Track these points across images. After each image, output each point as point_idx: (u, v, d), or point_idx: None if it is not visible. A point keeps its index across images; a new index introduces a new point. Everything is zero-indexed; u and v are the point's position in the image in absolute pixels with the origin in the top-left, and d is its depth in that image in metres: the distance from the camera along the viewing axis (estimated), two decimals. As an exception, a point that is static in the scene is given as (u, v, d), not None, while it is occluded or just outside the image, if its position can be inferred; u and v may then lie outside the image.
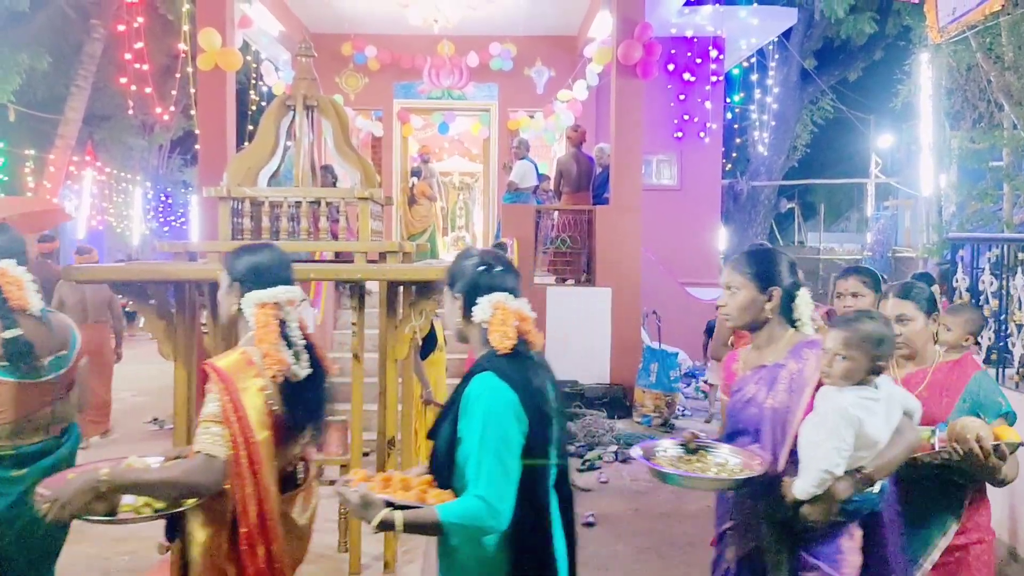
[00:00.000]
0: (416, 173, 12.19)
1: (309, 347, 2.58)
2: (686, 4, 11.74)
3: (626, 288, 8.88)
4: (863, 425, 2.32)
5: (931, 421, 2.71)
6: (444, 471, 2.10)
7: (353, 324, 4.10)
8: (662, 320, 9.21)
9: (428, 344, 6.02)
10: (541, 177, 10.54)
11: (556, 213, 9.46)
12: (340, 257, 4.71)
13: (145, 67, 10.21)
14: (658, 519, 5.73)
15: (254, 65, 11.36)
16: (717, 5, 12.39)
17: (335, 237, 6.57)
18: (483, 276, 2.21)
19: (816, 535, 2.37)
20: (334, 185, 7.60)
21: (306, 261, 4.60)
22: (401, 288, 4.08)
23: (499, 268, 2.23)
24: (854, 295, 3.41)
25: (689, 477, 2.37)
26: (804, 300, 2.56)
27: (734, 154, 17.14)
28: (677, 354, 9.01)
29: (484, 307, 2.17)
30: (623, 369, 8.79)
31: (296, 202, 4.13)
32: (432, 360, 6.26)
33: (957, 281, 6.10)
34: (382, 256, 4.25)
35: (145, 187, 19.11)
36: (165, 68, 13.53)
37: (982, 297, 5.82)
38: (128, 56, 10.26)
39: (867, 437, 2.33)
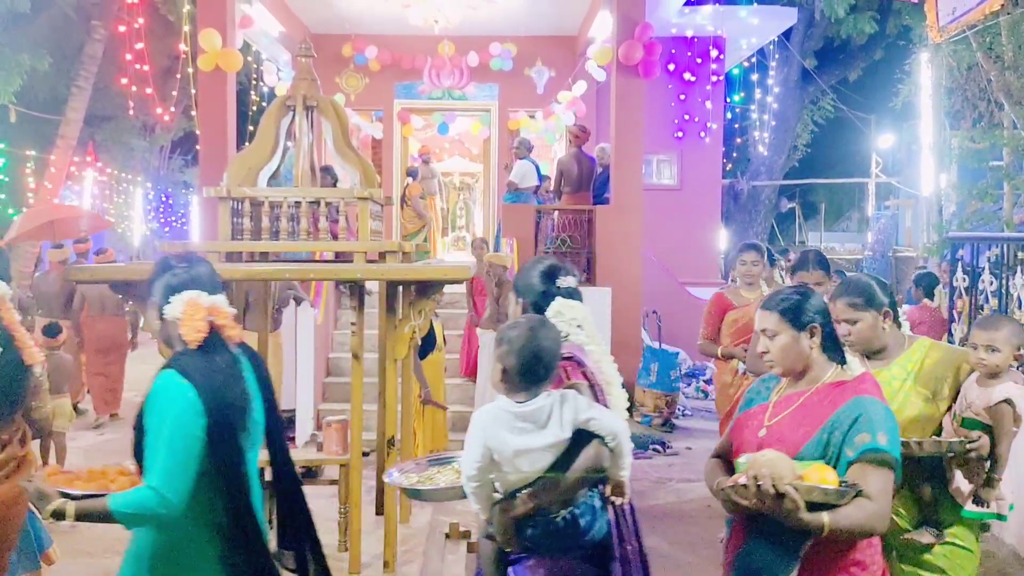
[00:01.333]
0: (412, 174, 12.19)
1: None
2: (686, 4, 11.74)
3: (626, 288, 8.88)
4: (500, 441, 2.27)
5: (789, 451, 2.25)
6: (139, 462, 2.25)
7: (353, 324, 4.10)
8: (662, 320, 9.22)
9: (427, 344, 6.04)
10: (542, 178, 10.54)
11: (556, 213, 9.46)
12: (340, 257, 4.72)
13: (146, 68, 10.22)
14: (659, 519, 5.73)
15: (255, 66, 11.37)
16: (717, 5, 12.39)
17: (335, 237, 6.58)
18: (173, 277, 2.33)
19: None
20: (334, 186, 7.61)
21: (306, 261, 4.61)
22: (400, 288, 4.08)
23: (187, 266, 2.36)
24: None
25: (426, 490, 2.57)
26: None
27: (734, 154, 17.14)
28: (677, 354, 9.01)
29: (175, 305, 2.29)
30: (623, 368, 8.67)
31: (296, 202, 4.14)
32: (431, 360, 6.28)
33: (957, 280, 6.11)
34: (382, 256, 4.26)
35: (146, 188, 19.13)
36: (166, 69, 13.54)
37: (982, 296, 5.83)
38: (129, 57, 10.27)
39: (502, 453, 2.28)
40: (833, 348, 2.37)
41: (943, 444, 2.63)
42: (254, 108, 12.00)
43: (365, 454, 4.56)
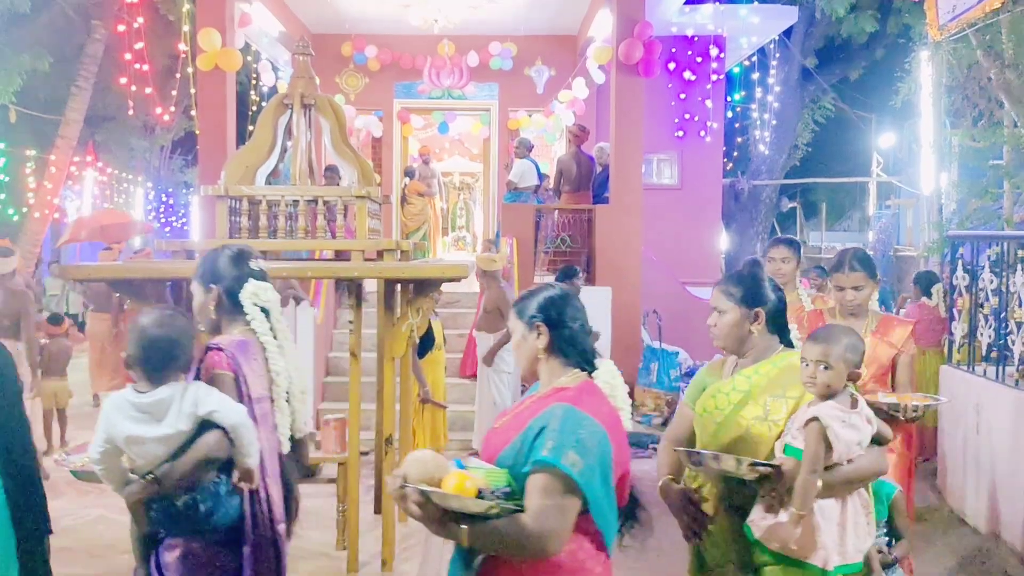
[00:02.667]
0: (410, 173, 12.18)
1: None
2: (687, 3, 11.71)
3: (626, 287, 8.87)
4: (116, 428, 2.34)
5: (491, 456, 2.16)
6: None
7: (351, 322, 4.10)
8: (662, 319, 9.21)
9: (426, 343, 6.03)
10: (542, 177, 10.54)
11: (556, 213, 9.46)
12: (338, 256, 4.72)
13: (146, 68, 10.22)
14: (658, 517, 5.71)
15: (254, 65, 11.37)
16: (718, 4, 12.36)
17: (333, 236, 6.58)
18: None
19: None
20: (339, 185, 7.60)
21: (304, 260, 4.61)
22: (399, 286, 4.08)
23: None
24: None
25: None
26: None
27: (735, 153, 17.11)
28: (677, 353, 9.00)
29: None
30: (623, 368, 8.61)
31: (294, 201, 4.13)
32: (430, 359, 6.27)
33: (957, 279, 6.09)
34: (380, 255, 4.26)
35: (146, 188, 19.13)
36: (166, 69, 13.53)
37: (982, 295, 5.82)
38: (129, 57, 10.27)
39: (117, 440, 2.35)
40: (567, 352, 2.20)
41: (727, 461, 2.38)
42: (254, 108, 12.00)
43: (364, 453, 4.56)
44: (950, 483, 5.89)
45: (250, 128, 10.95)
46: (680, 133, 12.77)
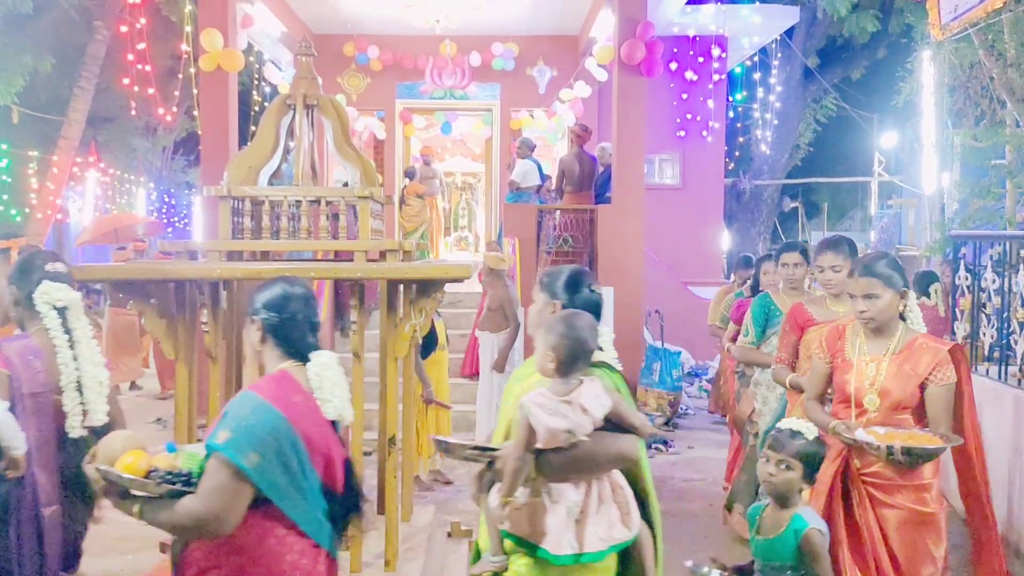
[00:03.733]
0: (409, 174, 12.19)
1: None
2: (688, 3, 11.72)
3: (628, 287, 8.87)
4: None
5: None
6: None
7: (353, 323, 4.10)
8: (665, 319, 9.21)
9: (429, 343, 6.03)
10: (544, 177, 10.54)
11: (558, 212, 9.46)
12: (340, 256, 4.72)
13: (148, 68, 10.22)
14: (661, 516, 5.72)
15: (256, 66, 11.38)
16: (719, 4, 12.37)
17: (335, 237, 6.59)
18: None
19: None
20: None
21: (307, 260, 4.62)
22: (401, 286, 4.08)
23: None
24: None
25: None
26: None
27: (737, 153, 17.09)
28: (679, 353, 9.00)
29: None
30: (626, 368, 8.73)
31: (296, 201, 4.14)
32: (433, 359, 6.27)
33: (959, 279, 6.09)
34: (382, 255, 4.26)
35: (148, 188, 19.15)
36: (168, 69, 13.54)
37: (984, 294, 5.82)
38: (131, 57, 10.28)
39: None
40: (281, 345, 2.32)
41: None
42: (256, 108, 12.01)
43: (367, 454, 4.56)
44: (952, 483, 5.88)
45: (252, 129, 10.98)
46: (682, 133, 12.77)
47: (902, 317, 3.15)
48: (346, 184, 4.37)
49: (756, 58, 14.39)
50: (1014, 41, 8.00)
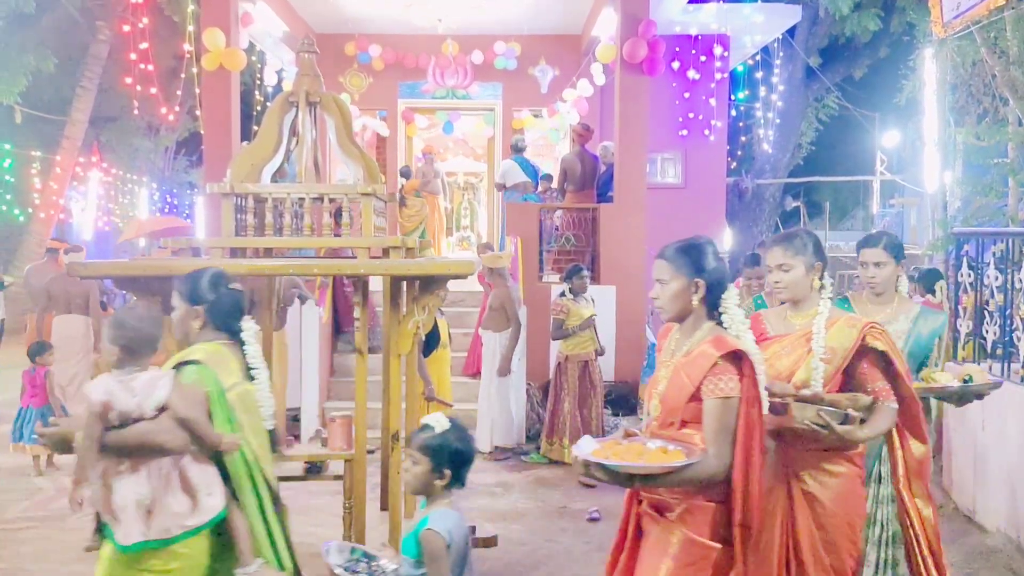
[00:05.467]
0: (405, 174, 12.18)
1: None
2: (690, 2, 11.71)
3: (631, 286, 8.87)
4: None
5: None
6: None
7: (356, 320, 4.11)
8: (667, 318, 9.18)
9: (431, 341, 6.04)
10: (535, 175, 10.55)
11: (560, 211, 9.46)
12: (337, 253, 4.72)
13: (150, 68, 10.24)
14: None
15: (259, 65, 11.39)
16: (721, 3, 12.35)
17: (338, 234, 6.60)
18: None
19: None
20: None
21: (310, 258, 4.62)
22: (404, 284, 4.08)
23: None
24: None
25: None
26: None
27: (739, 152, 17.08)
28: (682, 351, 8.99)
29: None
30: (628, 367, 8.78)
31: (299, 198, 4.14)
32: (435, 357, 6.28)
33: (962, 276, 6.09)
34: (385, 252, 4.26)
35: (151, 188, 19.18)
36: (170, 69, 13.57)
37: (987, 292, 5.81)
38: (133, 57, 10.30)
39: None
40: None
41: None
42: (258, 108, 12.03)
43: (370, 451, 4.56)
44: (956, 480, 5.88)
45: (254, 127, 10.99)
46: (684, 132, 12.76)
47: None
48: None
49: (758, 57, 14.38)
50: (1016, 39, 8.00)
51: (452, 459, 2.59)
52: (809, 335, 2.89)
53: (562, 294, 7.05)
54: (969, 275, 6.00)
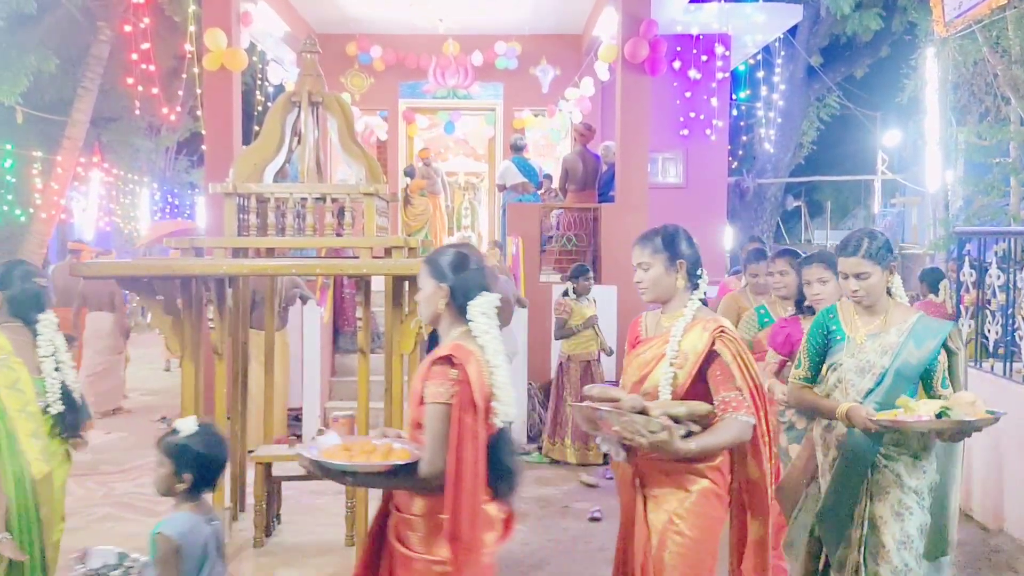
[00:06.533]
0: (409, 173, 12.19)
1: None
2: (692, 1, 11.70)
3: (632, 286, 8.83)
4: None
5: None
6: None
7: (359, 320, 4.11)
8: (668, 317, 9.17)
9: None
10: (536, 176, 10.54)
11: (561, 211, 9.46)
12: (337, 253, 4.73)
13: (151, 68, 10.23)
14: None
15: (260, 66, 11.39)
16: (723, 2, 12.34)
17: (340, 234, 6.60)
18: None
19: None
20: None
21: (312, 258, 4.62)
22: (407, 283, 4.08)
23: None
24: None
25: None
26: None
27: (740, 151, 17.08)
28: (683, 351, 8.99)
29: None
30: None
31: (302, 198, 4.14)
32: (437, 356, 6.26)
33: (964, 275, 6.08)
34: (387, 252, 4.26)
35: (152, 188, 19.19)
36: (171, 69, 13.57)
37: (989, 291, 5.81)
38: (135, 57, 10.29)
39: None
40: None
41: None
42: (259, 108, 12.03)
43: (372, 450, 4.56)
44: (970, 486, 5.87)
45: (256, 128, 11.00)
46: (685, 132, 12.75)
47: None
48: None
49: (759, 56, 14.37)
50: (1018, 38, 7.99)
51: (195, 463, 2.56)
52: (667, 338, 2.81)
53: (564, 293, 7.04)
54: (971, 274, 6.00)
